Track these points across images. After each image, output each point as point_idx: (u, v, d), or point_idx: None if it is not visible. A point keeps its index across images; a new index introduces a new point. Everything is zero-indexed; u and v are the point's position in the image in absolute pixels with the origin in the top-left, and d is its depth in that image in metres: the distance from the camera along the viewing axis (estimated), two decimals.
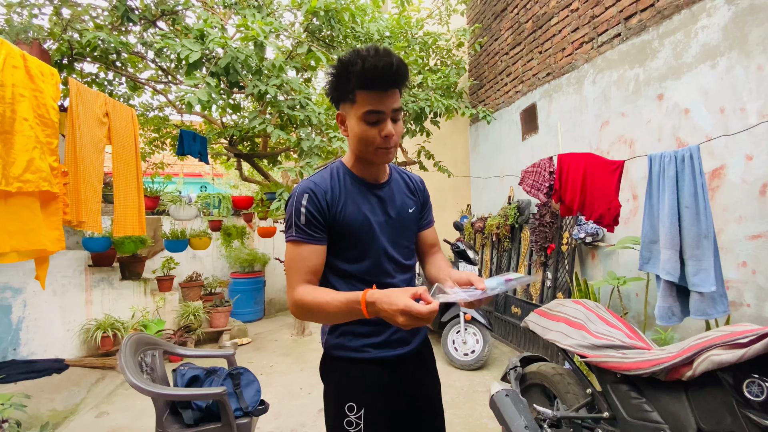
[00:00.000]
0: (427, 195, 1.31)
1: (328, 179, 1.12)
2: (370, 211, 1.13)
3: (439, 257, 1.29)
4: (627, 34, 3.08)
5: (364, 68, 0.97)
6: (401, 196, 1.21)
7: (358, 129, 1.04)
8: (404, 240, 1.20)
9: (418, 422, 1.22)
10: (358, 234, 1.11)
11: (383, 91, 1.00)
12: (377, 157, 1.07)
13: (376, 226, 1.13)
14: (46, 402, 3.04)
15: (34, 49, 2.93)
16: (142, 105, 4.83)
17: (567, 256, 3.62)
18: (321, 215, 1.07)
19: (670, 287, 2.04)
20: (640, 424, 1.31)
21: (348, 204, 1.10)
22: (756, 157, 2.24)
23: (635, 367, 1.31)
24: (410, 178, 1.29)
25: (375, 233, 1.12)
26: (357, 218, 1.10)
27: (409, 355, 1.19)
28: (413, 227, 1.24)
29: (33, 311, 3.71)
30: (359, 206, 1.12)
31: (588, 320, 1.64)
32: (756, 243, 2.24)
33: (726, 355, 1.05)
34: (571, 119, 3.75)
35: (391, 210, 1.17)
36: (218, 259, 6.02)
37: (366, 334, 1.14)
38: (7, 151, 1.59)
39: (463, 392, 3.22)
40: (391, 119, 1.03)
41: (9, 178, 1.59)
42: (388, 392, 1.14)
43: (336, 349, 1.16)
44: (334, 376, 1.17)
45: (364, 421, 1.09)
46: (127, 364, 1.80)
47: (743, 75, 2.30)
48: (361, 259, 1.12)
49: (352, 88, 1.02)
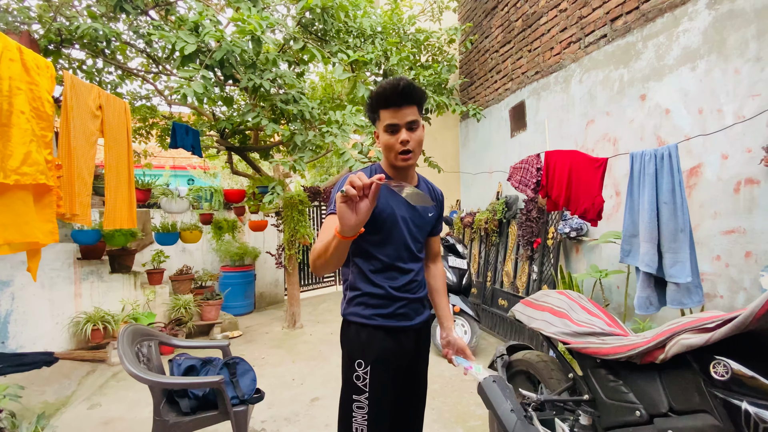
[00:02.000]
0: (442, 207, 1.55)
1: (368, 173, 1.40)
2: (397, 205, 1.36)
3: (440, 271, 1.59)
4: (613, 35, 3.18)
5: (379, 92, 1.28)
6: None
7: (383, 138, 1.32)
8: (420, 236, 1.43)
9: (410, 385, 1.49)
10: (383, 222, 1.33)
11: (397, 107, 1.26)
12: (398, 160, 1.31)
13: (400, 219, 1.36)
14: (37, 394, 3.04)
15: (23, 38, 2.90)
16: (129, 93, 4.78)
17: (552, 250, 3.74)
18: None
19: (648, 278, 2.16)
20: (617, 405, 1.41)
21: (380, 196, 1.33)
22: (731, 156, 2.36)
23: (613, 351, 1.40)
24: (434, 189, 1.54)
25: (398, 225, 1.35)
26: (385, 209, 1.33)
27: (410, 329, 1.42)
28: (429, 228, 1.49)
29: (21, 304, 3.68)
30: (388, 201, 1.35)
31: (571, 309, 1.73)
32: (729, 238, 2.37)
33: (694, 338, 1.14)
34: (558, 117, 3.85)
35: (414, 210, 1.40)
36: (208, 253, 6.01)
37: (376, 305, 1.37)
38: (4, 144, 1.60)
39: (452, 381, 3.32)
40: (406, 129, 1.28)
41: (6, 171, 1.60)
42: (389, 355, 1.37)
43: (352, 316, 1.40)
44: (348, 338, 1.40)
45: (369, 376, 1.34)
46: (125, 354, 1.83)
47: (721, 78, 2.41)
48: (384, 245, 1.35)
49: (376, 109, 1.32)
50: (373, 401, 1.33)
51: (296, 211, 4.80)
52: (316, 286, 7.71)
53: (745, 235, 2.29)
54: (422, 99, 1.31)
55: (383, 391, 1.35)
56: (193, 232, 4.71)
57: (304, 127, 3.24)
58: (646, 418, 1.31)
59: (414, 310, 1.42)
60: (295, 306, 5.10)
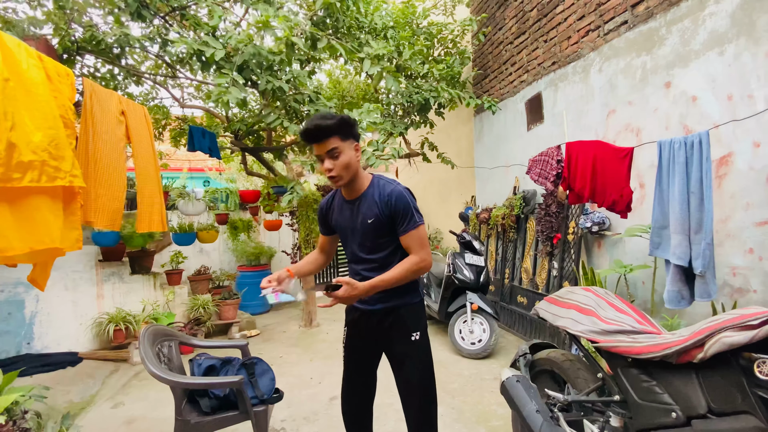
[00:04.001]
0: (396, 207, 1.59)
1: (329, 198, 1.81)
2: (345, 219, 1.71)
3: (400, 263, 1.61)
4: (634, 21, 3.07)
5: (302, 132, 1.56)
6: (365, 209, 1.63)
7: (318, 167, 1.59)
8: (367, 241, 1.65)
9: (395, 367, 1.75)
10: (339, 232, 1.78)
11: (318, 143, 1.54)
12: (331, 182, 1.60)
13: (348, 229, 1.70)
14: (63, 394, 3.10)
15: (40, 45, 2.95)
16: (141, 94, 4.84)
17: (573, 245, 3.64)
18: (322, 220, 1.84)
19: (680, 271, 2.07)
20: (651, 406, 1.35)
21: (333, 214, 1.77)
22: (764, 144, 2.24)
23: (646, 351, 1.34)
24: (380, 193, 1.62)
25: (348, 233, 1.71)
26: (338, 223, 1.75)
27: (371, 312, 1.69)
28: (376, 232, 1.62)
29: (46, 306, 3.76)
30: (338, 216, 1.74)
31: (598, 307, 1.67)
32: (763, 230, 2.26)
33: (737, 336, 1.08)
34: (577, 108, 3.75)
35: (357, 219, 1.65)
36: (225, 253, 6.07)
37: None
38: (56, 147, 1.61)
39: (472, 380, 3.26)
40: (328, 157, 1.53)
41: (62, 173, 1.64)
42: (356, 325, 1.77)
43: None
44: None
45: (345, 335, 1.83)
46: (146, 355, 1.84)
47: (751, 62, 2.29)
48: (346, 248, 1.77)
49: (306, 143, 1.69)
50: (348, 349, 1.82)
51: (311, 210, 4.80)
52: None
53: None
54: (340, 128, 1.51)
55: (351, 350, 1.80)
56: (209, 232, 4.76)
57: None
58: (683, 420, 1.25)
59: (374, 297, 1.63)
60: (312, 305, 5.11)
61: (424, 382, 1.69)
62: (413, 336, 1.69)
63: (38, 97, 1.58)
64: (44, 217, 1.68)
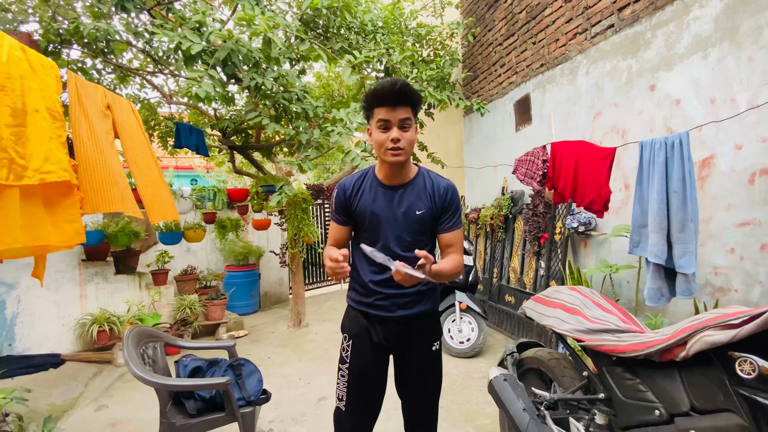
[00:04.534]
0: (450, 203, 1.48)
1: (355, 179, 1.51)
2: (379, 207, 1.45)
3: (449, 257, 1.46)
4: (620, 25, 3.11)
5: (376, 90, 1.33)
6: (414, 199, 1.45)
7: (375, 135, 1.37)
8: (407, 236, 1.45)
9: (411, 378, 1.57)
10: (367, 223, 1.47)
11: (392, 107, 1.32)
12: (387, 155, 1.36)
13: (382, 219, 1.44)
14: (45, 396, 3.03)
15: (23, 39, 2.87)
16: (128, 96, 4.75)
17: (560, 245, 3.68)
18: (342, 206, 1.51)
19: (659, 269, 2.12)
20: (635, 404, 1.37)
21: (362, 199, 1.47)
22: (745, 146, 2.29)
23: (630, 349, 1.36)
24: (434, 183, 1.48)
25: (381, 225, 1.45)
26: (365, 211, 1.46)
27: (390, 320, 1.50)
28: (420, 227, 1.45)
29: (27, 307, 3.67)
30: (369, 202, 1.46)
31: (584, 306, 1.69)
32: (744, 230, 2.31)
33: (719, 335, 1.10)
34: (564, 110, 3.79)
35: (399, 208, 1.44)
36: (213, 253, 6.00)
37: (360, 293, 1.54)
38: (23, 145, 1.56)
39: (460, 379, 3.28)
40: (398, 127, 1.33)
41: (29, 172, 1.57)
42: (369, 334, 1.51)
43: (348, 297, 1.61)
44: (344, 315, 1.61)
45: (350, 349, 1.53)
46: (130, 357, 1.81)
47: (734, 66, 2.34)
48: (370, 241, 1.46)
49: (371, 107, 1.36)
50: (353, 371, 1.51)
51: (300, 210, 4.77)
52: (321, 284, 7.69)
53: (761, 227, 2.23)
54: (417, 102, 1.36)
55: (362, 365, 1.50)
56: (196, 231, 4.69)
57: (309, 126, 3.20)
58: (666, 418, 1.27)
59: (396, 303, 1.48)
60: (300, 305, 5.08)
61: (438, 396, 1.60)
62: (434, 346, 1.56)
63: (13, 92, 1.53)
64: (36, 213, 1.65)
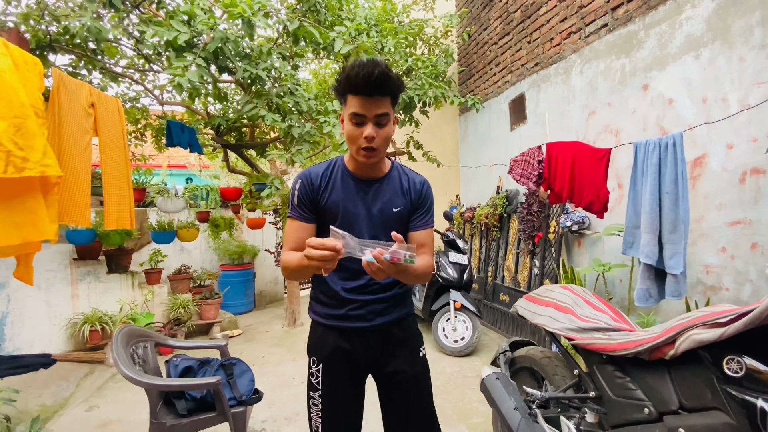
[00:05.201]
0: (425, 198, 1.34)
1: (323, 169, 1.30)
2: (352, 203, 1.28)
3: (421, 257, 1.25)
4: (614, 24, 3.12)
5: (349, 74, 1.12)
6: (389, 194, 1.30)
7: (347, 128, 1.19)
8: (383, 235, 1.26)
9: (397, 393, 1.37)
10: (337, 220, 1.27)
11: (367, 97, 1.12)
12: (359, 155, 1.20)
13: (356, 217, 1.27)
14: (35, 397, 3.00)
15: (12, 36, 2.83)
16: (119, 95, 4.70)
17: (554, 244, 3.69)
18: (309, 199, 1.27)
19: (649, 270, 2.13)
20: (625, 402, 1.37)
21: (332, 193, 1.27)
22: (736, 146, 2.31)
23: (620, 347, 1.36)
24: (409, 179, 1.35)
25: (353, 222, 1.27)
26: (336, 207, 1.27)
27: (369, 330, 1.32)
28: (397, 225, 1.29)
29: (17, 306, 3.63)
30: (341, 197, 1.27)
31: (575, 304, 1.69)
32: (735, 229, 2.32)
33: (707, 333, 1.10)
34: (558, 109, 3.80)
35: (373, 205, 1.29)
36: (207, 252, 5.96)
37: (329, 305, 1.33)
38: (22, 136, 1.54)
39: (454, 378, 3.28)
40: (374, 123, 1.15)
41: (31, 163, 1.55)
42: (344, 355, 1.31)
43: (311, 311, 1.40)
44: (309, 335, 1.40)
45: (321, 374, 1.32)
46: (119, 357, 1.79)
47: (725, 66, 2.36)
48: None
49: (343, 92, 1.17)
50: (327, 399, 1.31)
51: None
52: None
53: (751, 226, 2.24)
54: (397, 90, 1.17)
55: (337, 390, 1.32)
56: (189, 230, 4.66)
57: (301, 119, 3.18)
58: (655, 416, 1.27)
59: (373, 311, 1.31)
60: (295, 304, 5.07)
61: (433, 406, 1.44)
62: (421, 351, 1.41)
63: (4, 84, 1.51)
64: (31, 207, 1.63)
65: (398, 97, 1.21)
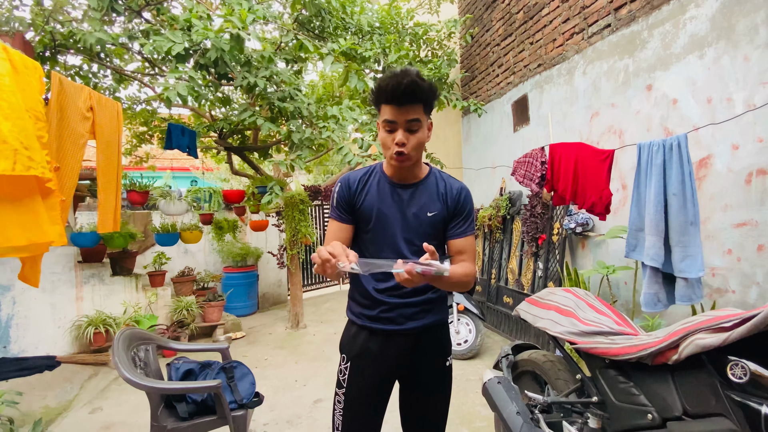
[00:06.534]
0: (463, 206, 1.35)
1: (361, 174, 1.37)
2: (387, 206, 1.32)
3: (460, 264, 1.29)
4: (617, 24, 3.10)
5: (380, 85, 1.20)
6: (425, 199, 1.33)
7: (380, 135, 1.26)
8: (417, 239, 1.30)
9: (419, 398, 1.41)
10: (372, 223, 1.32)
11: (398, 105, 1.18)
12: (392, 160, 1.26)
13: (390, 219, 1.31)
14: (39, 399, 3.02)
15: (16, 41, 2.85)
16: (128, 98, 4.74)
17: (557, 246, 3.66)
18: (346, 201, 1.33)
19: (656, 274, 2.08)
20: (627, 407, 1.35)
21: (368, 197, 1.33)
22: (742, 146, 2.27)
23: (623, 352, 1.34)
24: (446, 185, 1.37)
25: (388, 225, 1.31)
26: (371, 209, 1.31)
27: (398, 334, 1.34)
28: (432, 230, 1.32)
29: (22, 309, 3.66)
30: (376, 200, 1.32)
31: (578, 308, 1.67)
32: (741, 231, 2.29)
33: (710, 338, 1.08)
34: (561, 110, 3.77)
35: (408, 209, 1.32)
36: (210, 254, 5.98)
37: (363, 305, 1.37)
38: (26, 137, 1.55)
39: (457, 381, 3.26)
40: (405, 129, 1.20)
41: (35, 163, 1.57)
42: (372, 355, 1.34)
43: (348, 311, 1.44)
44: (344, 331, 1.44)
45: (348, 372, 1.36)
46: (120, 360, 1.79)
47: (730, 65, 2.33)
48: (374, 244, 1.33)
49: (377, 101, 1.24)
50: (350, 398, 1.35)
51: (297, 211, 4.75)
52: (319, 285, 7.66)
53: (758, 227, 2.21)
54: (429, 97, 1.20)
55: (361, 390, 1.34)
56: (193, 233, 4.68)
57: (302, 124, 3.18)
58: (658, 422, 1.25)
59: (404, 315, 1.32)
60: (298, 306, 5.07)
61: (446, 418, 1.46)
62: (448, 361, 1.42)
63: (4, 87, 1.52)
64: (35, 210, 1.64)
65: (432, 104, 1.25)
